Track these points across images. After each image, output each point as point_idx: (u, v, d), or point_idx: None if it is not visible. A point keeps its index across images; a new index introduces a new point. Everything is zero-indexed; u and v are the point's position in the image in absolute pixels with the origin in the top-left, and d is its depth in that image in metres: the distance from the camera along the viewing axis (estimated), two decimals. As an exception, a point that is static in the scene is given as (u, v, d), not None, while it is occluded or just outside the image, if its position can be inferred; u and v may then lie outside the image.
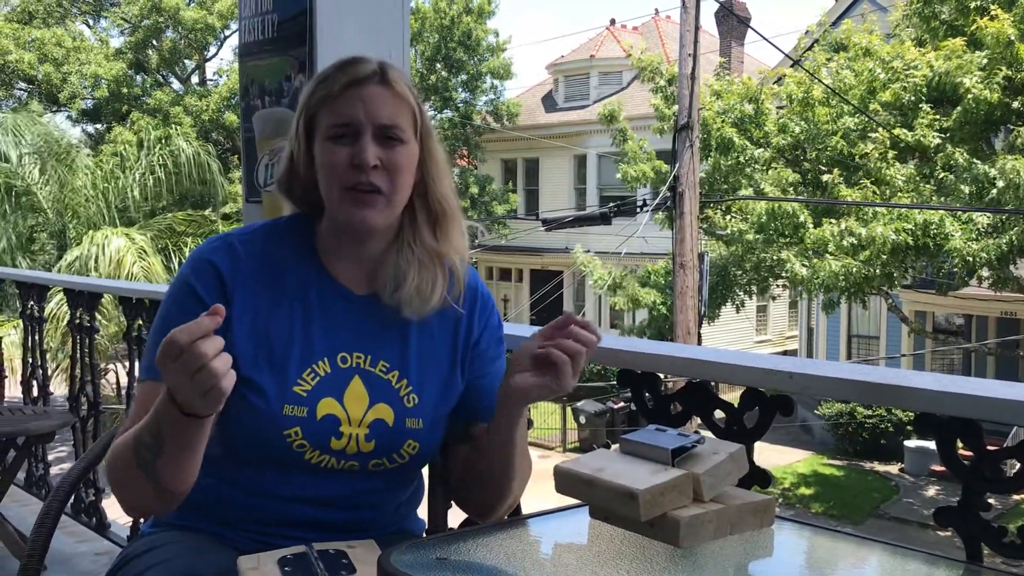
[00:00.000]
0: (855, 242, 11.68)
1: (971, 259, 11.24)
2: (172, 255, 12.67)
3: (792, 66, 14.15)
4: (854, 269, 11.73)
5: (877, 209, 11.81)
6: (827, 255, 12.06)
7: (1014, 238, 11.11)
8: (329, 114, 1.40)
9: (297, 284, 1.45)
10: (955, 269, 12.15)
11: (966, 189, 11.28)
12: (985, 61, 11.38)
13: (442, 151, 1.50)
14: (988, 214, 11.42)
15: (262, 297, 1.42)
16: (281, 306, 1.43)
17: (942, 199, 11.80)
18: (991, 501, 1.43)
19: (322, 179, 1.42)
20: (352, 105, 1.39)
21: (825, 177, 12.49)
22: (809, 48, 14.69)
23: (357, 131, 1.38)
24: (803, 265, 12.45)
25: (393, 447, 1.43)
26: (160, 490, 1.30)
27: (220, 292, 1.40)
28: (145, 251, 12.11)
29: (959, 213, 11.60)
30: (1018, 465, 1.41)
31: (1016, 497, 12.75)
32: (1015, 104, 11.46)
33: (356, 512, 1.46)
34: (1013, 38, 11.14)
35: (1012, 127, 11.75)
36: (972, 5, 11.89)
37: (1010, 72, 11.28)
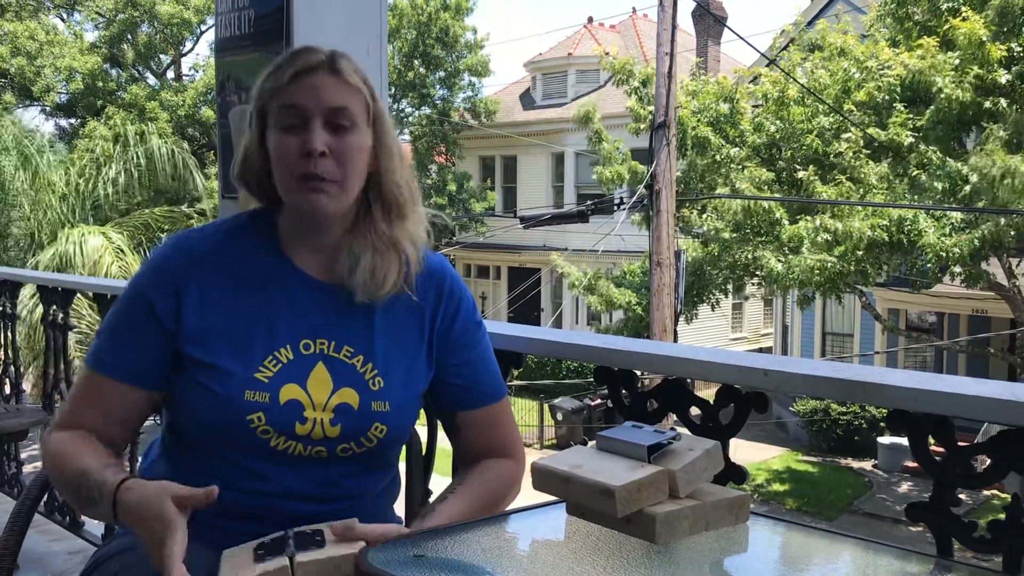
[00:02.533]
0: (830, 238, 11.75)
1: (944, 254, 11.35)
2: (148, 252, 12.60)
3: (768, 65, 14.22)
4: (829, 264, 11.80)
5: (853, 206, 11.90)
6: (803, 251, 12.12)
7: (986, 233, 11.20)
8: (279, 103, 1.41)
9: (259, 275, 1.46)
10: (928, 265, 12.26)
11: (939, 186, 11.38)
12: (957, 61, 11.48)
13: (396, 140, 1.51)
14: (961, 211, 11.54)
15: (222, 290, 1.43)
16: (242, 297, 1.44)
17: (915, 197, 11.90)
18: (962, 496, 1.45)
19: (275, 169, 1.43)
20: (301, 92, 1.40)
21: (801, 174, 12.55)
22: (784, 48, 14.76)
23: (306, 118, 1.39)
24: (778, 260, 12.51)
25: (360, 431, 1.44)
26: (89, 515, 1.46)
27: (175, 297, 1.42)
28: (123, 250, 12.07)
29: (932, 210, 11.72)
30: (988, 461, 1.43)
31: (986, 492, 12.91)
32: (987, 104, 11.57)
33: (331, 504, 1.45)
34: (985, 39, 11.24)
35: (984, 126, 11.87)
36: (944, 7, 12.00)
37: (982, 72, 11.38)
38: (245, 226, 1.51)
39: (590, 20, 27.15)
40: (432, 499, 1.78)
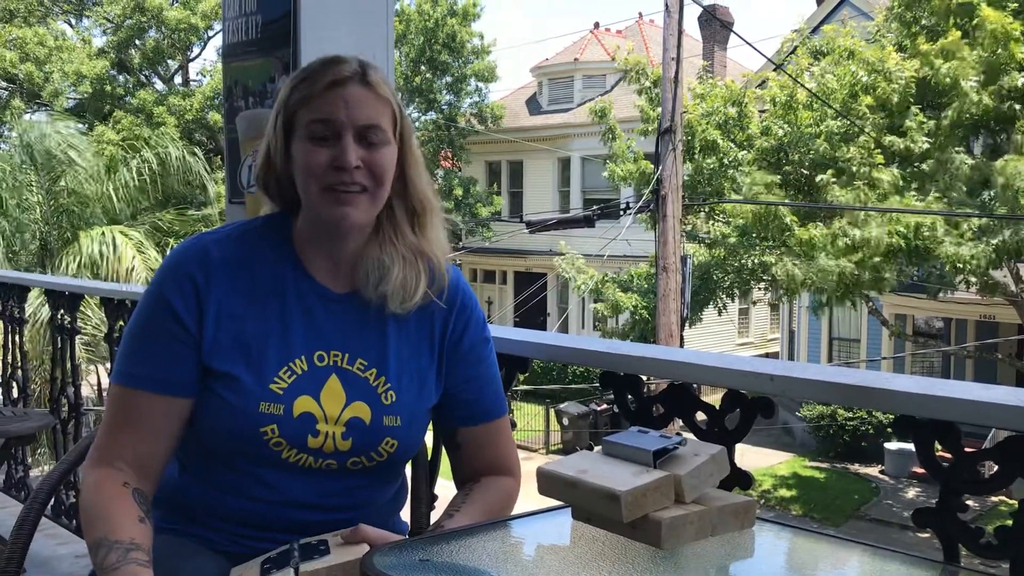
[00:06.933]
0: (849, 243, 11.64)
1: (962, 265, 11.22)
2: (160, 255, 12.73)
3: (775, 70, 14.21)
4: (847, 270, 11.66)
5: (868, 211, 11.81)
6: (819, 255, 12.00)
7: (1006, 240, 11.06)
8: (309, 113, 1.40)
9: (274, 284, 1.45)
10: (946, 274, 12.15)
11: (961, 188, 11.27)
12: (983, 56, 11.17)
13: (420, 150, 1.51)
14: (977, 217, 11.42)
15: (238, 298, 1.42)
16: (258, 306, 1.43)
17: (931, 200, 11.77)
18: (969, 502, 1.45)
19: (300, 178, 1.41)
20: (333, 105, 1.39)
21: (819, 177, 12.44)
22: (792, 52, 14.74)
23: (338, 131, 1.39)
24: (794, 264, 12.39)
25: (371, 445, 1.44)
26: None
27: (195, 300, 1.40)
28: (144, 244, 12.29)
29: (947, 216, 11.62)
30: (996, 467, 1.42)
31: (994, 498, 12.86)
32: (1003, 108, 11.43)
33: (338, 513, 1.45)
34: (1020, 33, 10.88)
35: (995, 130, 11.78)
36: (953, 5, 11.80)
37: (1010, 80, 11.16)
38: (260, 232, 1.49)
39: (596, 25, 27.17)
40: (436, 505, 1.78)
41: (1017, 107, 11.39)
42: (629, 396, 1.85)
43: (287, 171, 1.44)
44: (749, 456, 14.10)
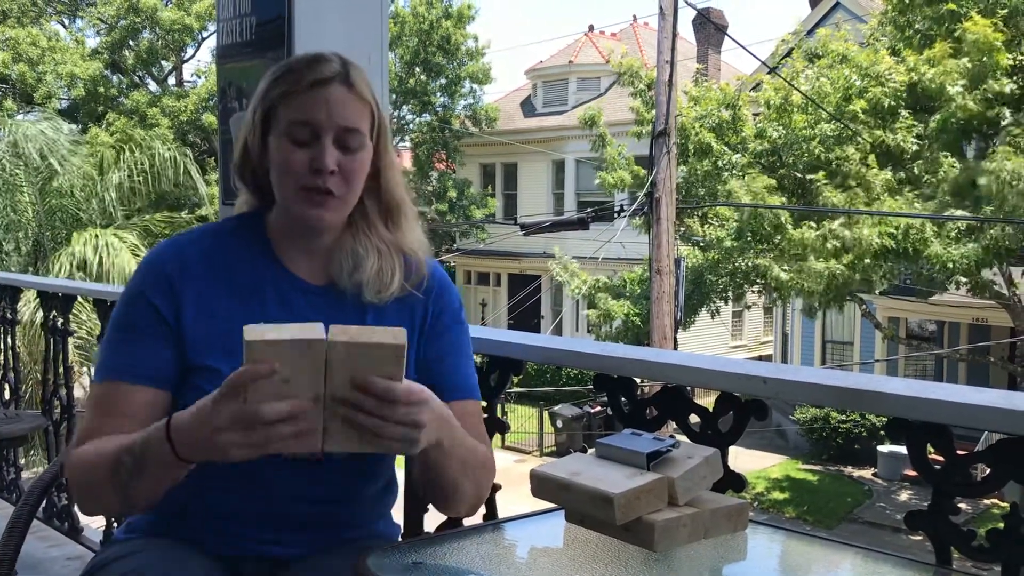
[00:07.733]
0: (838, 245, 11.68)
1: (951, 265, 11.28)
2: None
3: (769, 73, 14.24)
4: (837, 272, 11.70)
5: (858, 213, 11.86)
6: (808, 257, 12.04)
7: (994, 237, 11.10)
8: (290, 111, 1.40)
9: (252, 280, 1.46)
10: (935, 275, 12.20)
11: (945, 189, 11.32)
12: (968, 66, 11.31)
13: (394, 150, 1.53)
14: (967, 221, 11.47)
15: (217, 295, 1.43)
16: (236, 302, 1.44)
17: (923, 205, 11.82)
18: (961, 505, 1.45)
19: (276, 175, 1.43)
20: (315, 105, 1.39)
21: (812, 176, 12.47)
22: (786, 55, 14.76)
23: (318, 133, 1.39)
24: (783, 269, 12.43)
25: None
26: (128, 504, 1.38)
27: (172, 298, 1.42)
28: (139, 246, 12.31)
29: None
30: (988, 470, 1.43)
31: (986, 501, 12.89)
32: (989, 113, 11.51)
33: (328, 506, 1.45)
34: (999, 43, 11.05)
35: (987, 134, 11.83)
36: (946, 9, 11.87)
37: (995, 86, 11.25)
38: (235, 229, 1.51)
39: (591, 28, 27.17)
40: (431, 507, 1.77)
41: (1007, 112, 11.45)
42: (623, 398, 1.85)
43: (262, 164, 1.45)
44: (742, 458, 14.12)
